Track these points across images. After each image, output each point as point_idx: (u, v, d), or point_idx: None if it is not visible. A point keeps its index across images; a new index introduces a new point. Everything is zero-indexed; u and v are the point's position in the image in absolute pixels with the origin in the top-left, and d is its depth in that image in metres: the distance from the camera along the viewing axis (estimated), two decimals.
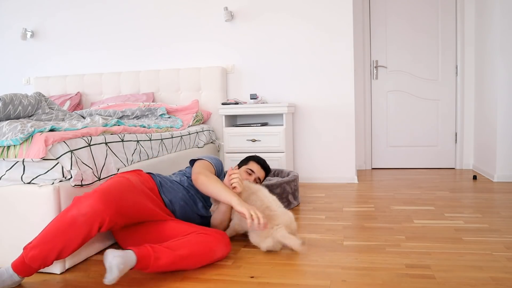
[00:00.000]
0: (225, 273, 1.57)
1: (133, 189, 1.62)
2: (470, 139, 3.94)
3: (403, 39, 4.03)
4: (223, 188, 1.74)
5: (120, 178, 1.63)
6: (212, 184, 1.76)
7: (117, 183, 1.57)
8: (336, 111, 3.48)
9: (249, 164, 2.15)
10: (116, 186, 1.54)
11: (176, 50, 3.80)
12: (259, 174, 2.13)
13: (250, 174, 2.10)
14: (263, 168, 2.16)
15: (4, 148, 1.60)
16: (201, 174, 1.81)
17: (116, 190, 1.52)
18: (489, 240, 1.84)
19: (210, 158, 2.00)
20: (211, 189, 1.75)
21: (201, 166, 1.90)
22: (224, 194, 1.72)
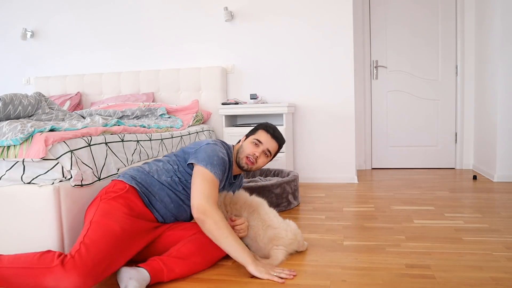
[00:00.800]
0: (225, 273, 1.57)
1: (122, 244, 1.42)
2: (470, 139, 3.94)
3: (403, 39, 4.03)
4: (237, 245, 1.49)
5: (108, 233, 1.39)
6: (223, 238, 1.49)
7: (106, 246, 1.36)
8: (336, 111, 3.48)
9: (257, 134, 1.86)
10: (104, 255, 1.34)
11: (176, 50, 3.80)
12: (268, 145, 1.83)
13: (257, 145, 1.82)
14: (274, 138, 1.85)
15: (4, 148, 1.60)
16: (209, 217, 1.49)
17: (104, 261, 1.34)
18: (489, 240, 1.84)
19: (212, 165, 1.63)
20: (223, 245, 1.50)
21: (204, 187, 1.56)
22: (238, 253, 1.49)
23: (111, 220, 1.44)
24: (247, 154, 1.80)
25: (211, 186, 1.58)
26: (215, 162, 1.63)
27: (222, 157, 1.68)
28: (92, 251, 1.32)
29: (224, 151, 1.73)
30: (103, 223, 1.42)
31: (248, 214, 1.74)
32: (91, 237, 1.37)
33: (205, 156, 1.64)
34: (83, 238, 1.37)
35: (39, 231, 1.58)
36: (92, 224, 1.42)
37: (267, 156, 1.85)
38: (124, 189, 1.59)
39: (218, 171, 1.63)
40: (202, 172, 1.61)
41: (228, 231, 1.50)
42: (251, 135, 1.87)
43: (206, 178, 1.59)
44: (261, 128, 1.87)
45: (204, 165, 1.61)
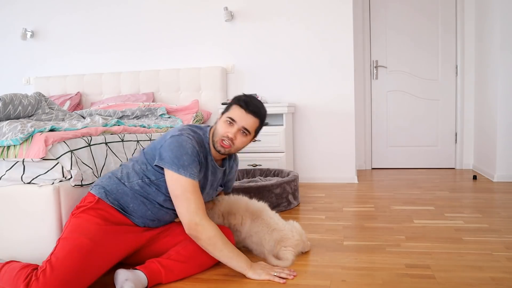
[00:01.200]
0: (225, 273, 1.57)
1: (94, 257, 1.35)
2: (470, 139, 3.94)
3: (403, 39, 4.03)
4: (232, 256, 1.46)
5: (75, 248, 1.32)
6: (218, 252, 1.44)
7: (72, 262, 1.29)
8: (336, 111, 3.48)
9: (230, 110, 1.58)
10: (71, 272, 1.28)
11: (176, 50, 3.80)
12: (243, 122, 1.55)
13: (231, 124, 1.56)
14: (249, 113, 1.55)
15: (4, 148, 1.60)
16: (202, 234, 1.42)
17: (72, 279, 1.28)
18: (489, 240, 1.84)
19: (184, 167, 1.44)
20: (218, 258, 1.47)
21: (188, 201, 1.43)
22: (235, 263, 1.46)
23: (80, 234, 1.37)
24: (220, 136, 1.56)
25: (194, 195, 1.44)
26: (186, 163, 1.44)
27: (191, 152, 1.46)
28: (57, 270, 1.26)
29: (193, 141, 1.49)
30: (71, 239, 1.35)
31: (252, 221, 1.72)
32: (58, 254, 1.30)
33: (172, 157, 1.44)
34: (50, 256, 1.31)
35: (39, 231, 1.58)
36: (60, 241, 1.36)
37: (246, 135, 1.58)
38: (93, 201, 1.49)
39: (194, 171, 1.46)
40: (177, 181, 1.44)
41: (222, 244, 1.44)
42: (225, 113, 1.60)
43: (185, 189, 1.43)
44: (233, 103, 1.58)
45: (176, 170, 1.43)
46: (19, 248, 1.62)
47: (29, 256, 1.61)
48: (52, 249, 1.37)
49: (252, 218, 1.73)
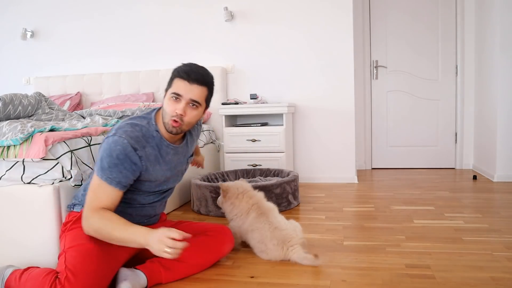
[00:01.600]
0: (225, 273, 1.57)
1: (104, 259, 1.36)
2: (470, 139, 3.94)
3: (403, 39, 4.03)
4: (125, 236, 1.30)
5: (85, 254, 1.33)
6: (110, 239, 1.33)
7: (90, 266, 1.30)
8: (336, 111, 3.48)
9: (173, 85, 1.44)
10: (92, 275, 1.29)
11: (176, 50, 3.79)
12: (190, 94, 1.41)
13: (177, 99, 1.42)
14: (194, 82, 1.41)
15: (4, 148, 1.60)
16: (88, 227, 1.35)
17: (94, 281, 1.29)
18: (489, 240, 1.84)
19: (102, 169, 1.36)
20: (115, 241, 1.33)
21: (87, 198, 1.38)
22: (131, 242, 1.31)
23: (82, 242, 1.36)
24: (170, 116, 1.43)
25: (95, 192, 1.37)
26: (106, 165, 1.35)
27: (115, 156, 1.35)
28: (80, 275, 1.27)
29: (126, 140, 1.36)
30: (76, 247, 1.35)
31: (257, 215, 1.74)
32: (73, 262, 1.30)
33: (98, 160, 1.39)
34: (65, 264, 1.30)
35: (39, 231, 1.58)
36: (67, 253, 1.34)
37: (196, 107, 1.44)
38: (80, 214, 1.46)
39: (113, 175, 1.35)
40: (94, 180, 1.39)
41: (110, 230, 1.30)
42: (168, 89, 1.47)
43: (91, 188, 1.38)
44: (175, 76, 1.45)
45: (96, 171, 1.38)
46: (19, 248, 1.62)
47: (29, 256, 1.61)
48: (59, 262, 1.34)
49: (258, 213, 1.74)
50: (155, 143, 1.46)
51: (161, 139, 1.47)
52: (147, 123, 1.47)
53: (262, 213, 1.74)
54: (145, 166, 1.42)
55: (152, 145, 1.45)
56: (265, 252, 1.69)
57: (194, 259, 1.55)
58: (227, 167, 3.29)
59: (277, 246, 1.65)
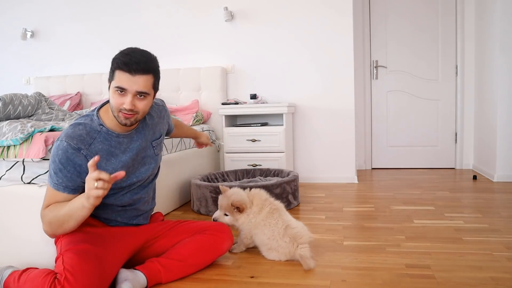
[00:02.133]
0: (225, 273, 1.57)
1: (102, 258, 1.36)
2: (470, 139, 3.94)
3: (403, 39, 4.03)
4: (70, 211, 1.31)
5: (83, 255, 1.32)
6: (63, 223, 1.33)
7: (88, 267, 1.29)
8: (336, 111, 3.48)
9: (115, 79, 1.37)
10: (91, 275, 1.28)
11: (176, 50, 3.79)
12: (135, 87, 1.34)
13: (122, 93, 1.36)
14: (137, 73, 1.34)
15: (4, 148, 1.60)
16: (43, 223, 1.39)
17: (94, 281, 1.28)
18: (489, 240, 1.84)
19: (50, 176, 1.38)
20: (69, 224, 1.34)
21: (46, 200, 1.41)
22: (76, 212, 1.30)
23: (78, 243, 1.35)
24: (117, 110, 1.38)
25: (47, 198, 1.40)
26: (52, 172, 1.37)
27: (58, 161, 1.35)
28: (78, 276, 1.25)
29: (67, 144, 1.35)
30: (73, 249, 1.33)
31: (270, 210, 1.73)
32: (71, 263, 1.28)
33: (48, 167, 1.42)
34: (64, 266, 1.28)
35: (39, 231, 1.58)
36: (64, 255, 1.32)
37: (145, 97, 1.39)
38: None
39: (58, 180, 1.36)
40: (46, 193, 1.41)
41: (57, 212, 1.33)
42: (112, 82, 1.39)
43: (45, 194, 1.42)
44: (115, 68, 1.38)
45: (48, 178, 1.41)
46: (19, 248, 1.62)
47: (29, 256, 1.61)
48: (57, 264, 1.32)
49: (272, 208, 1.73)
50: (103, 137, 1.43)
51: (108, 132, 1.44)
52: (90, 120, 1.44)
53: (275, 209, 1.74)
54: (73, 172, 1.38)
55: (100, 140, 1.42)
56: (275, 250, 1.67)
57: (193, 258, 1.54)
58: (227, 167, 3.29)
59: (289, 244, 1.64)
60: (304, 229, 1.69)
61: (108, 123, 1.44)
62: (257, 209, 1.74)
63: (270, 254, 1.69)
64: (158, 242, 1.61)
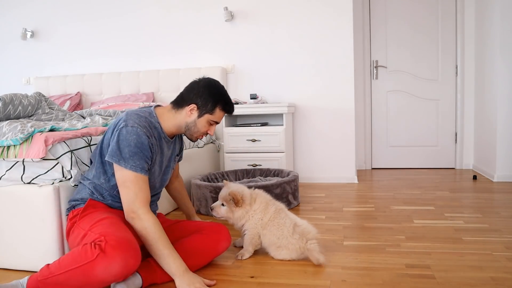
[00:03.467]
0: (225, 273, 1.57)
1: (123, 224, 1.42)
2: (470, 139, 3.94)
3: (403, 39, 4.03)
4: (165, 253, 1.39)
5: (108, 223, 1.38)
6: (148, 245, 1.40)
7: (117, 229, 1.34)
8: (336, 111, 3.48)
9: (215, 114, 1.61)
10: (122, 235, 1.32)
11: (176, 50, 3.79)
12: (220, 120, 1.68)
13: (212, 125, 1.64)
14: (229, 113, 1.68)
15: (4, 148, 1.60)
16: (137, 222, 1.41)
17: (126, 238, 1.31)
18: (489, 240, 1.84)
19: (124, 160, 1.43)
20: (150, 251, 1.41)
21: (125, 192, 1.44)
22: (165, 262, 1.39)
23: (103, 216, 1.42)
24: (202, 133, 1.63)
25: (133, 185, 1.43)
26: (127, 155, 1.43)
27: (134, 144, 1.43)
28: (114, 234, 1.29)
29: (139, 129, 1.46)
30: (99, 221, 1.38)
31: (276, 209, 1.73)
32: (101, 230, 1.33)
33: (116, 149, 1.44)
34: (99, 233, 1.31)
35: (39, 231, 1.58)
36: (90, 229, 1.37)
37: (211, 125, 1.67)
38: (89, 205, 1.50)
39: (136, 162, 1.43)
40: (118, 171, 1.45)
41: (153, 239, 1.38)
42: (206, 113, 1.59)
43: (124, 179, 1.44)
44: (220, 108, 1.61)
45: (117, 161, 1.43)
46: (19, 248, 1.62)
47: (28, 256, 1.61)
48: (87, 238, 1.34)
49: (278, 208, 1.74)
50: (158, 134, 1.57)
51: (162, 131, 1.59)
52: (149, 114, 1.56)
53: (281, 209, 1.74)
54: (154, 155, 1.53)
55: (156, 136, 1.55)
56: (286, 247, 1.66)
57: (189, 259, 1.52)
58: (227, 167, 3.29)
59: (299, 240, 1.64)
60: (310, 226, 1.70)
61: (162, 124, 1.60)
62: (262, 208, 1.73)
63: (281, 253, 1.68)
64: None
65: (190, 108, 1.58)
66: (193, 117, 1.59)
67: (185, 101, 1.59)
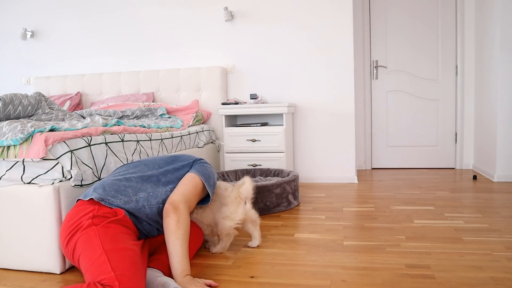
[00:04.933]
0: (225, 273, 1.57)
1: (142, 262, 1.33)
2: (470, 139, 3.94)
3: (403, 39, 4.03)
4: (180, 252, 1.40)
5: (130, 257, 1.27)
6: (173, 238, 1.41)
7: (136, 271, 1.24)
8: (336, 111, 3.48)
9: None
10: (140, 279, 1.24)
11: (176, 50, 3.80)
12: None
13: None
14: None
15: (4, 148, 1.60)
16: (176, 214, 1.44)
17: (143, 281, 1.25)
18: (489, 240, 1.84)
19: (208, 183, 1.62)
20: (169, 243, 1.41)
21: (189, 191, 1.54)
22: (175, 260, 1.39)
23: (124, 245, 1.30)
24: None
25: (196, 195, 1.58)
26: (211, 182, 1.66)
27: (214, 178, 1.71)
28: (132, 280, 1.19)
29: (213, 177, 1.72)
30: (119, 250, 1.26)
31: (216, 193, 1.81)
32: (119, 266, 1.20)
33: (205, 172, 1.66)
34: (112, 269, 1.19)
35: (39, 231, 1.58)
36: (108, 253, 1.24)
37: None
38: (120, 215, 1.44)
39: (211, 190, 1.64)
40: (198, 181, 1.60)
41: (182, 235, 1.42)
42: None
43: (196, 187, 1.58)
44: None
45: (204, 180, 1.62)
46: (19, 248, 1.62)
47: (28, 256, 1.61)
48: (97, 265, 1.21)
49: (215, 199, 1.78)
50: None
51: None
52: None
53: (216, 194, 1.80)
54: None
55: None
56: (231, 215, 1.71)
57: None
58: (227, 167, 3.29)
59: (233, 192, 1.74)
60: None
61: None
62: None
63: (228, 223, 1.71)
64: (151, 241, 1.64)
65: None
66: None
67: None
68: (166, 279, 1.37)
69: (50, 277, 1.58)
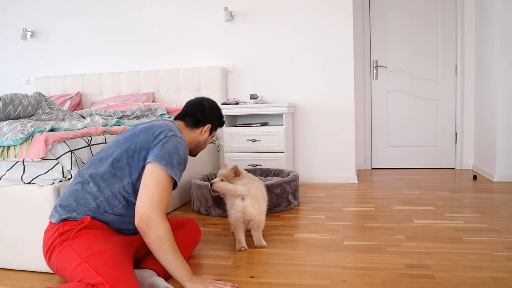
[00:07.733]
0: (225, 273, 1.57)
1: (125, 258, 1.30)
2: (470, 139, 3.94)
3: (403, 39, 4.03)
4: (175, 262, 1.33)
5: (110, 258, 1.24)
6: (162, 254, 1.32)
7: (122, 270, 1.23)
8: (336, 111, 3.48)
9: (216, 130, 1.84)
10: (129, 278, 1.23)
11: (176, 50, 3.80)
12: None
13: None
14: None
15: (4, 148, 1.60)
16: (151, 230, 1.30)
17: (131, 279, 1.23)
18: (489, 240, 1.84)
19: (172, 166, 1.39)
20: (161, 260, 1.33)
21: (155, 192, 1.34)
22: (175, 270, 1.34)
23: (100, 248, 1.26)
24: (205, 146, 1.82)
25: (164, 192, 1.36)
26: (175, 162, 1.40)
27: (182, 155, 1.44)
28: (119, 282, 1.18)
29: (186, 146, 1.50)
30: (96, 254, 1.24)
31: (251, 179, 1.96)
32: (102, 270, 1.19)
33: (164, 154, 1.39)
34: (98, 271, 1.19)
35: (39, 231, 1.58)
36: (87, 260, 1.22)
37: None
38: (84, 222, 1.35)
39: (178, 173, 1.42)
40: (158, 173, 1.36)
41: (169, 247, 1.31)
42: (214, 131, 1.80)
43: (160, 182, 1.36)
44: (219, 124, 1.83)
45: (164, 164, 1.37)
46: (19, 248, 1.62)
47: (28, 256, 1.61)
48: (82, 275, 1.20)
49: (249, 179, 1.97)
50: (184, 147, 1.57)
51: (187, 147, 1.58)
52: (177, 129, 1.58)
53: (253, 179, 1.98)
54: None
55: (186, 162, 1.59)
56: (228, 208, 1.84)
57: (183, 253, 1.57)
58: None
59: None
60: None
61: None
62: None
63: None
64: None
65: (205, 128, 1.74)
66: (205, 135, 1.76)
67: (201, 121, 1.73)
68: (156, 279, 1.36)
69: (50, 277, 1.58)
